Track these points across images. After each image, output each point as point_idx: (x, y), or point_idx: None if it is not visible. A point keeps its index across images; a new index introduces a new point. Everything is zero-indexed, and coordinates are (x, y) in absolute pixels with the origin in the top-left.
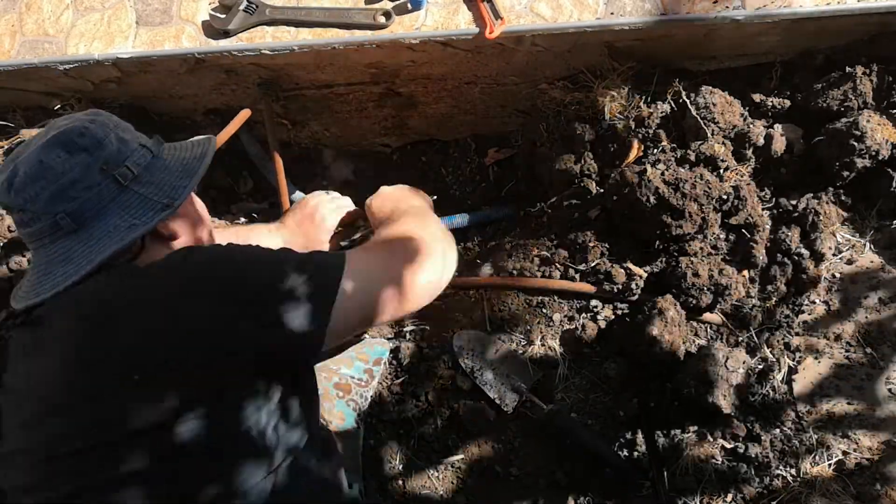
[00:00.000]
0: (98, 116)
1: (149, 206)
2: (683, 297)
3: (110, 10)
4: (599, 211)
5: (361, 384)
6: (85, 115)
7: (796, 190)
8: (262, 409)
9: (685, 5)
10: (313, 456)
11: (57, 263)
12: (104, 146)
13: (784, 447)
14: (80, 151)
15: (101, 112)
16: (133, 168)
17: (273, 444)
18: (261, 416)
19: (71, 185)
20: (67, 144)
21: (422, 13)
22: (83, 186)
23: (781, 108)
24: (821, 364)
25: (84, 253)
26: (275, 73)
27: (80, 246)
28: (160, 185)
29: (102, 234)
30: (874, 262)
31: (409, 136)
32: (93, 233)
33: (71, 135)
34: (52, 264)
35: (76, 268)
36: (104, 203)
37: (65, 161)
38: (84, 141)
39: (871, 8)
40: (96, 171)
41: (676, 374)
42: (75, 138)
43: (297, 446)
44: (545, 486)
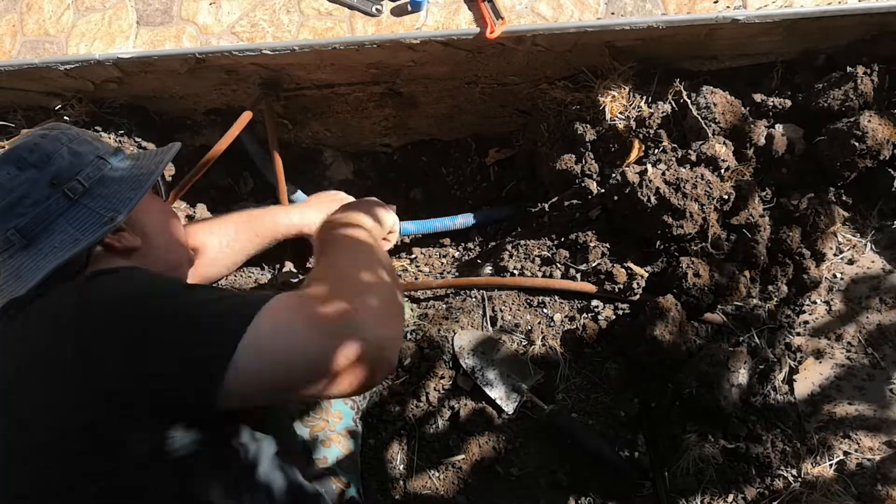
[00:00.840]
0: (52, 131)
1: (94, 219)
2: (684, 297)
3: (111, 11)
4: (600, 211)
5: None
6: (39, 130)
7: (797, 190)
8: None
9: (686, 5)
10: None
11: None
12: (53, 161)
13: (785, 447)
14: (30, 167)
15: (58, 125)
16: (84, 181)
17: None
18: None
19: (19, 201)
20: (18, 161)
21: (423, 13)
22: (31, 202)
23: (782, 107)
24: (822, 364)
25: (31, 269)
26: (275, 73)
27: (29, 261)
28: (109, 197)
29: (49, 249)
30: (875, 262)
31: (409, 136)
32: (41, 248)
33: (21, 151)
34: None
35: (21, 284)
36: (52, 218)
37: (14, 178)
38: (33, 157)
39: (871, 8)
40: (44, 185)
41: (677, 375)
42: (25, 154)
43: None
44: (546, 487)
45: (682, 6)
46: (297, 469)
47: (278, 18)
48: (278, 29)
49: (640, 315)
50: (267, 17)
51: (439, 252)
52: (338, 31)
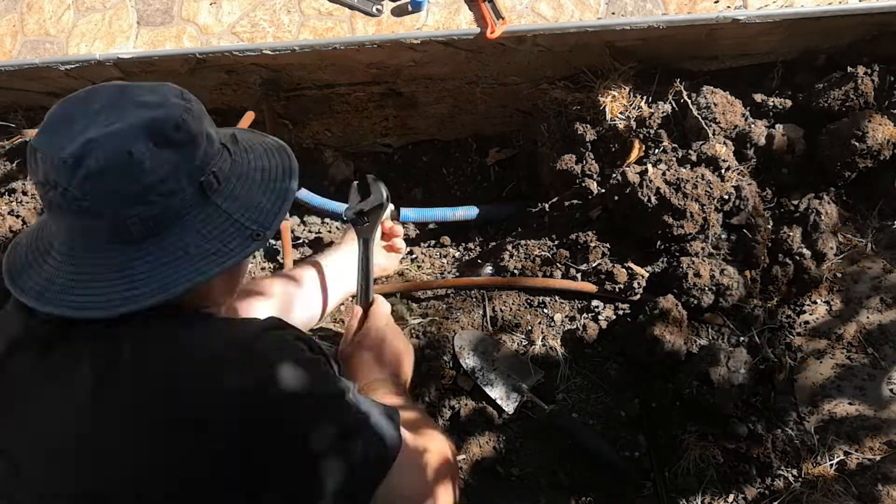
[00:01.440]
0: (191, 103)
1: (236, 229)
2: (685, 297)
3: (111, 11)
4: (601, 211)
5: None
6: (176, 97)
7: (797, 190)
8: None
9: (686, 5)
10: None
11: (112, 273)
12: (196, 144)
13: (786, 447)
14: (170, 147)
15: (189, 95)
16: (219, 175)
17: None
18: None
19: (154, 186)
20: (159, 136)
21: (423, 13)
22: (167, 190)
23: (783, 108)
24: (822, 364)
25: (152, 273)
26: (276, 73)
27: (145, 261)
28: (245, 203)
29: (177, 250)
30: (875, 262)
31: (410, 136)
32: (166, 247)
33: (165, 125)
34: (103, 272)
35: (145, 289)
36: (183, 213)
37: (154, 156)
38: (178, 136)
39: (872, 8)
40: (184, 173)
41: (678, 375)
42: (170, 131)
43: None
44: (546, 487)
45: (682, 6)
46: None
47: (279, 18)
48: (279, 29)
49: (641, 315)
50: (267, 18)
51: (439, 252)
52: (338, 31)
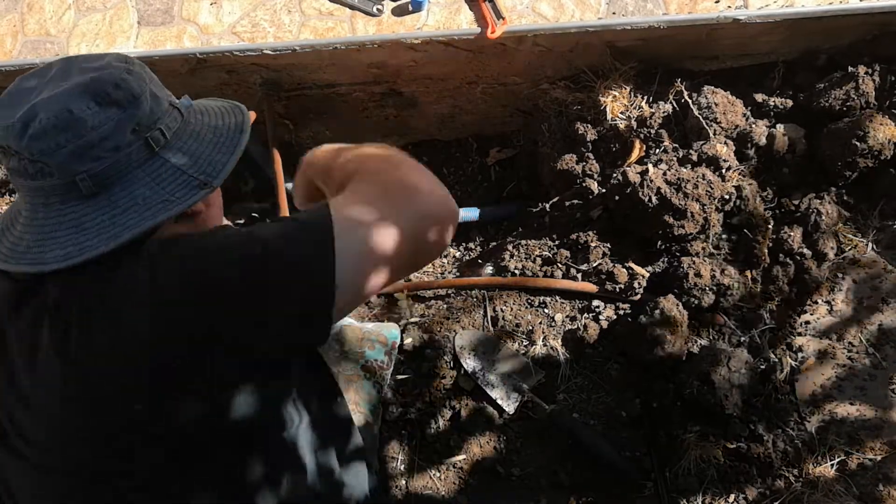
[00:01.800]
0: (132, 66)
1: (183, 180)
2: (686, 297)
3: (112, 11)
4: (601, 211)
5: (384, 367)
6: (118, 61)
7: (798, 190)
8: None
9: (687, 5)
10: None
11: (67, 229)
12: (139, 103)
13: (786, 448)
14: (113, 105)
15: (132, 59)
16: (165, 131)
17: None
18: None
19: (99, 142)
20: (99, 95)
21: (423, 13)
22: (111, 146)
23: (784, 107)
24: (823, 365)
25: (104, 224)
26: (276, 73)
27: (98, 214)
28: (195, 156)
29: (128, 204)
30: (876, 262)
31: (410, 135)
32: (116, 200)
33: (105, 85)
34: (60, 229)
35: (96, 240)
36: (131, 168)
37: (95, 114)
38: (119, 94)
39: (873, 8)
40: (128, 130)
41: (679, 375)
42: (110, 90)
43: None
44: (547, 487)
45: (683, 6)
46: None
47: (279, 18)
48: (279, 29)
49: (642, 315)
50: (268, 17)
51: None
52: (339, 31)
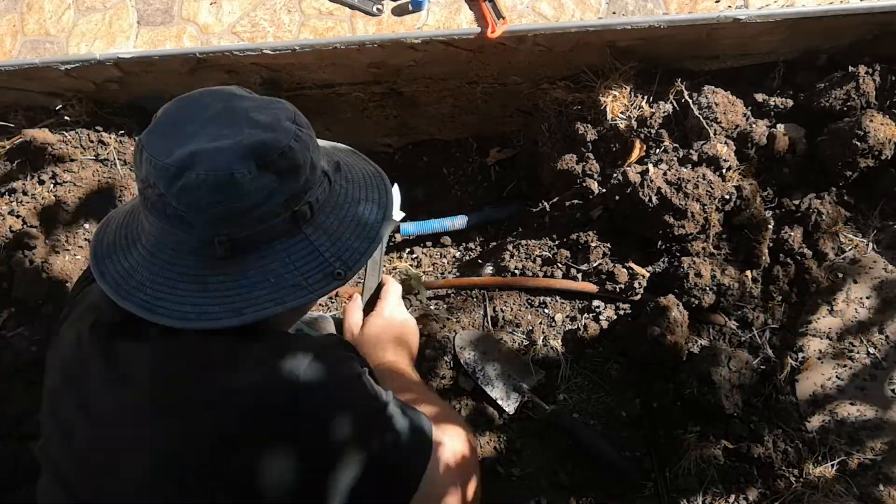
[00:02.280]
0: (301, 129)
1: (319, 264)
2: (686, 297)
3: (112, 10)
4: (601, 211)
5: None
6: (288, 119)
7: (799, 190)
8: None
9: (687, 5)
10: None
11: (189, 285)
12: (298, 174)
13: (787, 448)
14: (271, 172)
15: (301, 118)
16: (314, 206)
17: None
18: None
19: (250, 210)
20: (262, 159)
21: (423, 13)
22: (259, 215)
23: (784, 107)
24: (824, 365)
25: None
26: (276, 73)
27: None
28: (335, 238)
29: (258, 278)
30: (877, 262)
31: (410, 135)
32: (246, 271)
33: (271, 151)
34: (182, 282)
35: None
36: (271, 239)
37: (254, 179)
38: (282, 163)
39: (874, 7)
40: (280, 201)
41: (679, 375)
42: (275, 157)
43: None
44: (547, 487)
45: (683, 6)
46: None
47: (279, 18)
48: (279, 29)
49: (642, 315)
50: (268, 17)
51: (440, 252)
52: (339, 30)
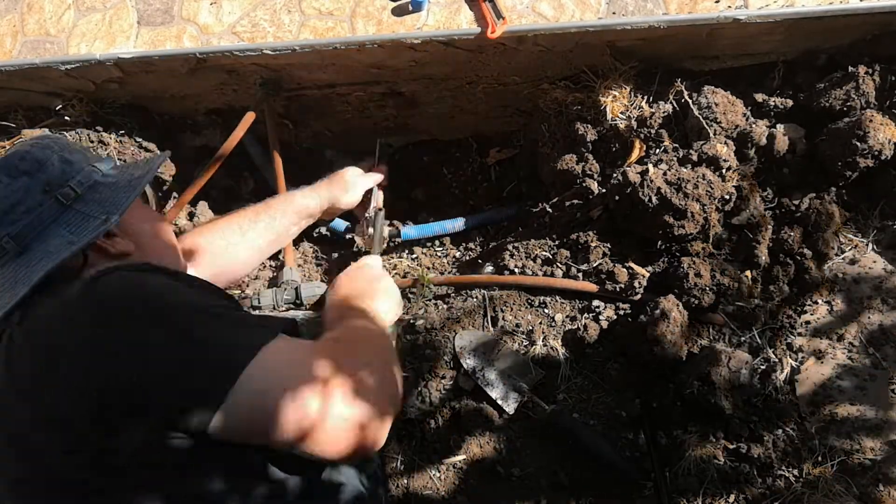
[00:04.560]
0: (42, 140)
1: (87, 222)
2: (686, 297)
3: (112, 11)
4: (601, 211)
5: None
6: (30, 140)
7: (799, 190)
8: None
9: (687, 5)
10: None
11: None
12: (45, 168)
13: (786, 448)
14: (22, 175)
15: (48, 135)
16: (76, 188)
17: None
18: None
19: (12, 208)
20: (9, 169)
21: (423, 13)
22: (24, 209)
23: (784, 107)
24: (823, 365)
25: (25, 276)
26: (276, 73)
27: (23, 269)
28: (102, 202)
29: (42, 255)
30: (877, 262)
31: (410, 135)
32: (34, 255)
33: (12, 160)
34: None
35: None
36: (46, 224)
37: (6, 186)
38: (24, 164)
39: (873, 7)
40: (38, 192)
41: (679, 375)
42: (15, 162)
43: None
44: (547, 487)
45: (683, 6)
46: None
47: (279, 18)
48: (279, 29)
49: (642, 315)
50: (268, 17)
51: (440, 252)
52: (339, 30)
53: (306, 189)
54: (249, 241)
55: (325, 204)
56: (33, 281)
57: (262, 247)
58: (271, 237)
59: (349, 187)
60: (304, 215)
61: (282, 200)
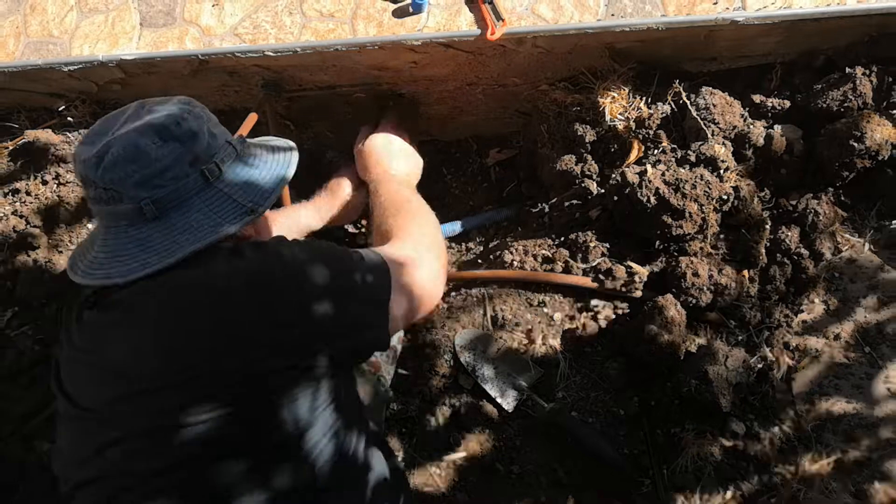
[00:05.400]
0: (194, 108)
1: (233, 207)
2: (684, 296)
3: (114, 12)
4: (600, 211)
5: (389, 361)
6: (181, 104)
7: (796, 190)
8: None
9: (685, 6)
10: (355, 444)
11: (133, 248)
12: (197, 139)
13: (783, 445)
14: (174, 141)
15: (195, 102)
16: (220, 165)
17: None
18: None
19: (161, 172)
20: (163, 132)
21: (424, 15)
22: (171, 176)
23: (781, 108)
24: (820, 363)
25: (164, 244)
26: (278, 75)
27: (160, 235)
28: (246, 187)
29: (185, 227)
30: (873, 261)
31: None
32: (174, 223)
33: (168, 123)
34: (127, 248)
35: (157, 258)
36: (188, 196)
37: (159, 148)
38: (179, 131)
39: (870, 9)
40: (186, 162)
41: (676, 373)
42: (172, 127)
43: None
44: (546, 485)
45: (681, 8)
46: None
47: (281, 20)
48: (281, 30)
49: (640, 314)
50: (269, 19)
51: None
52: (340, 32)
53: (308, 205)
54: (313, 223)
55: (325, 220)
56: (177, 254)
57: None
58: (323, 222)
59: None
60: (304, 233)
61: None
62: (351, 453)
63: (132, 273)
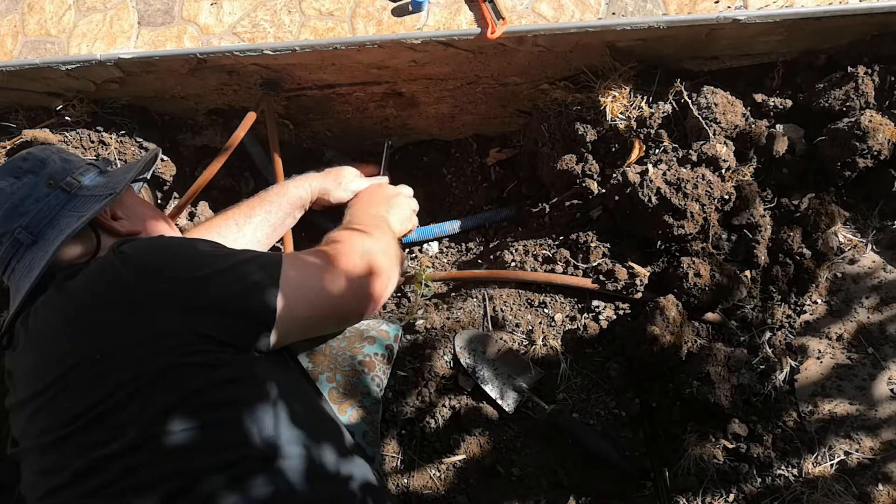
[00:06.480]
0: (42, 145)
1: (93, 200)
2: (685, 296)
3: (112, 11)
4: (601, 211)
5: (384, 360)
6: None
7: (798, 190)
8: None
9: (687, 5)
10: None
11: (24, 277)
12: (47, 164)
13: (786, 447)
14: (26, 174)
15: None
16: (78, 178)
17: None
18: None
19: (21, 202)
20: (14, 171)
21: (424, 13)
22: (33, 199)
23: (783, 108)
24: (822, 364)
25: (41, 258)
26: (277, 74)
27: (39, 253)
28: (105, 185)
29: (55, 236)
30: (876, 262)
31: (410, 136)
32: (48, 238)
33: (14, 162)
34: (22, 280)
35: (34, 273)
36: (56, 211)
37: (12, 184)
38: (27, 164)
39: (873, 8)
40: (42, 185)
41: (678, 374)
42: (19, 164)
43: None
44: (547, 486)
45: (682, 6)
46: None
47: (279, 19)
48: (279, 29)
49: (641, 315)
50: (268, 18)
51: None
52: (339, 31)
53: (298, 178)
54: (247, 235)
55: (315, 193)
56: (49, 255)
57: (261, 240)
58: (268, 230)
59: (342, 182)
60: (297, 206)
61: (275, 193)
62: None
63: (20, 297)
